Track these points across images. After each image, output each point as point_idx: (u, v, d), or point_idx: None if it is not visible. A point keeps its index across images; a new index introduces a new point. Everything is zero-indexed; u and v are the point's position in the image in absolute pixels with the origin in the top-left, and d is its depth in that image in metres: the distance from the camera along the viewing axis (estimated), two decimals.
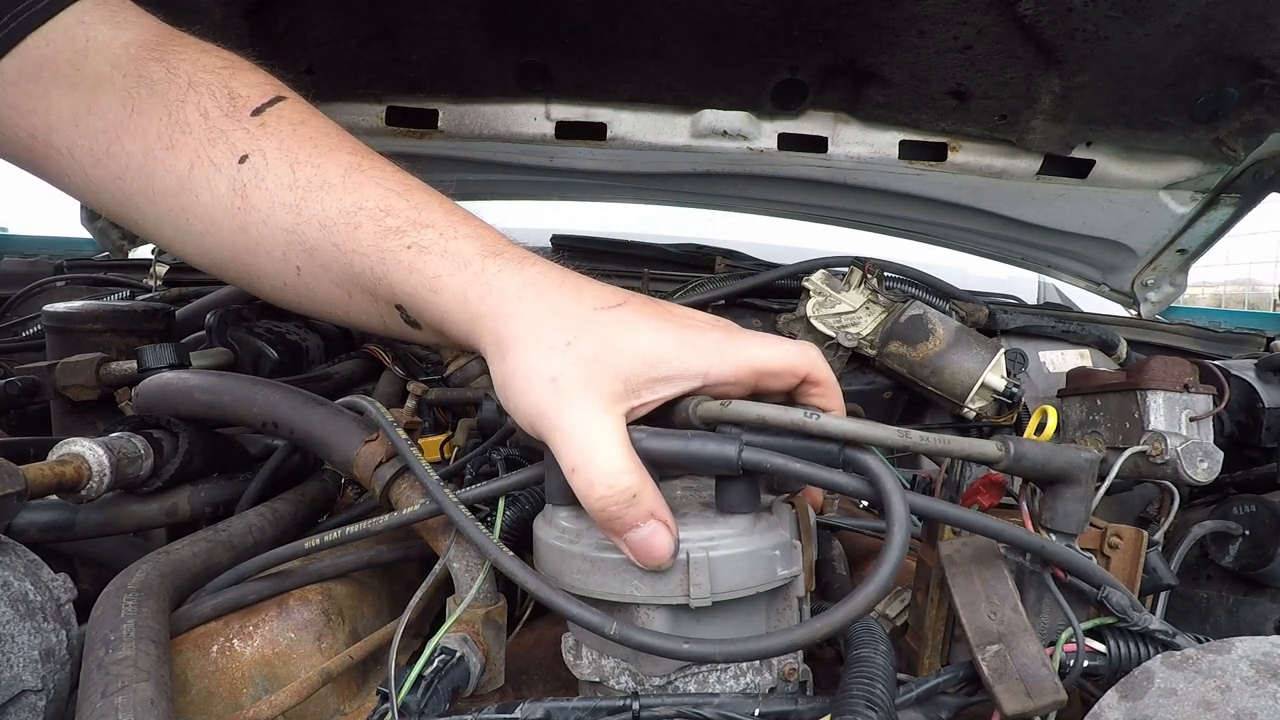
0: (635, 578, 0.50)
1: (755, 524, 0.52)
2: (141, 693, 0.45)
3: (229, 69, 0.59)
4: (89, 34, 0.57)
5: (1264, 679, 0.41)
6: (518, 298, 0.51)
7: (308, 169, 0.56)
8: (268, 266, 0.58)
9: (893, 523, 0.47)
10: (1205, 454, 0.86)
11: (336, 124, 0.61)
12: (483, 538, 0.54)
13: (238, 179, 0.56)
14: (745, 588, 0.50)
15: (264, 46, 1.26)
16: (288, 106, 0.58)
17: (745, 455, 0.49)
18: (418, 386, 1.10)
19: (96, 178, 0.59)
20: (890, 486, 0.48)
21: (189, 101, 0.56)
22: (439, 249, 0.53)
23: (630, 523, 0.47)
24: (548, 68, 1.43)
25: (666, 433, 0.50)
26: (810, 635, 0.46)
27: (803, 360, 0.53)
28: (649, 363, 0.50)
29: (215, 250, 0.60)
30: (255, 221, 0.56)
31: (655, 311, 0.53)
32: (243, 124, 0.56)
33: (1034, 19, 1.17)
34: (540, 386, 0.49)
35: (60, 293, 1.45)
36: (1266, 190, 1.52)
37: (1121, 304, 1.92)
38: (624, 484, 0.47)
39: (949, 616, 0.62)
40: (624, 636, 0.47)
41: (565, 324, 0.50)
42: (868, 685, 0.47)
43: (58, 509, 0.67)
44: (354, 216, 0.54)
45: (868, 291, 1.19)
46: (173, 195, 0.58)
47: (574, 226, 1.97)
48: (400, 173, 0.58)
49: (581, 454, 0.47)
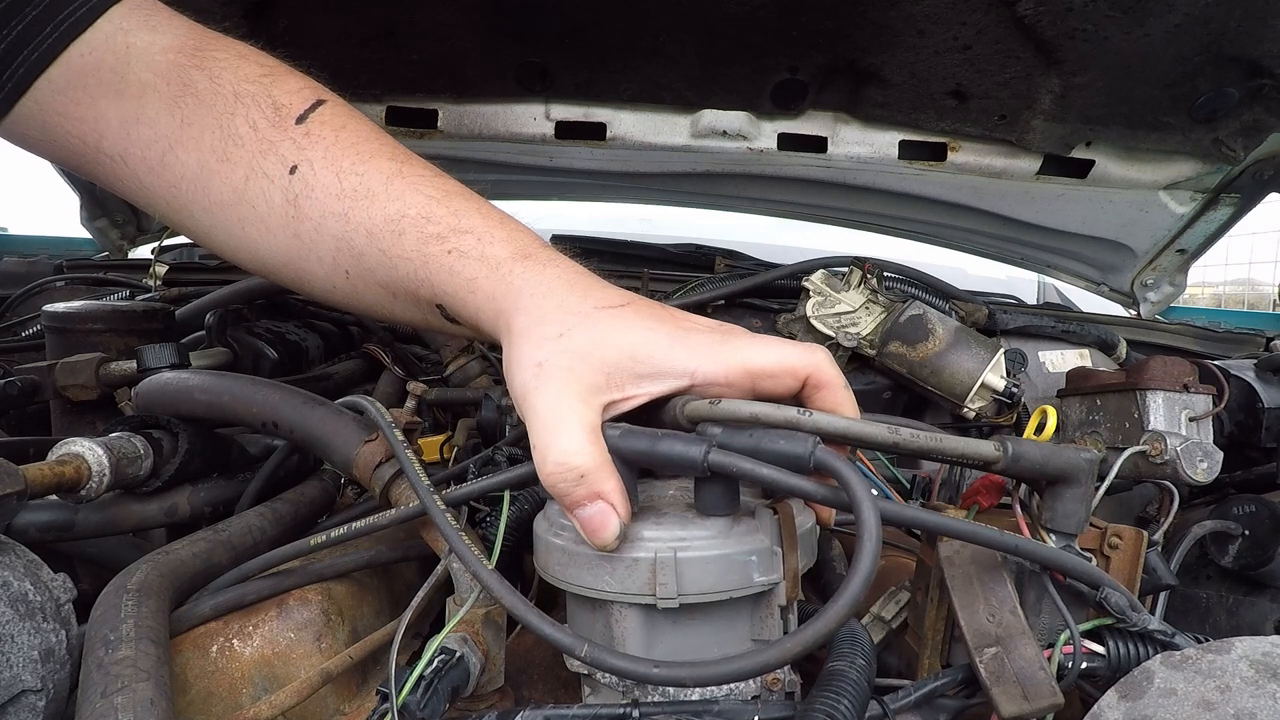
0: (605, 573, 0.50)
1: (732, 528, 0.51)
2: (141, 693, 0.45)
3: (269, 76, 0.61)
4: (128, 40, 0.59)
5: (1264, 679, 0.41)
6: (531, 295, 0.54)
7: (352, 178, 0.58)
8: (319, 271, 0.61)
9: (862, 533, 0.44)
10: (1205, 454, 0.86)
11: (371, 122, 0.63)
12: (463, 548, 0.54)
13: (290, 190, 0.59)
14: (716, 591, 0.50)
15: (264, 46, 1.26)
16: (328, 111, 0.61)
17: (711, 458, 0.48)
18: (417, 386, 1.10)
19: (151, 185, 0.62)
20: (860, 495, 0.45)
21: (238, 114, 0.59)
22: (476, 253, 0.55)
23: (577, 500, 0.49)
24: (547, 68, 1.43)
25: (639, 431, 0.50)
26: (781, 656, 0.44)
27: (803, 362, 0.52)
28: (636, 358, 0.51)
29: (269, 255, 0.62)
30: (308, 230, 0.59)
31: (655, 313, 0.54)
32: (289, 134, 0.59)
33: (1034, 19, 1.17)
34: (526, 371, 0.51)
35: (60, 293, 1.45)
36: (1266, 190, 1.52)
37: (1121, 304, 1.92)
38: (573, 463, 0.48)
39: (948, 617, 0.62)
40: (595, 659, 0.47)
41: (564, 318, 0.52)
42: (832, 700, 0.46)
43: (57, 509, 0.67)
44: (398, 224, 0.57)
45: (867, 291, 1.20)
46: (229, 206, 0.60)
47: (574, 226, 1.97)
48: (438, 176, 0.61)
49: (544, 433, 0.49)
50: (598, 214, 2.29)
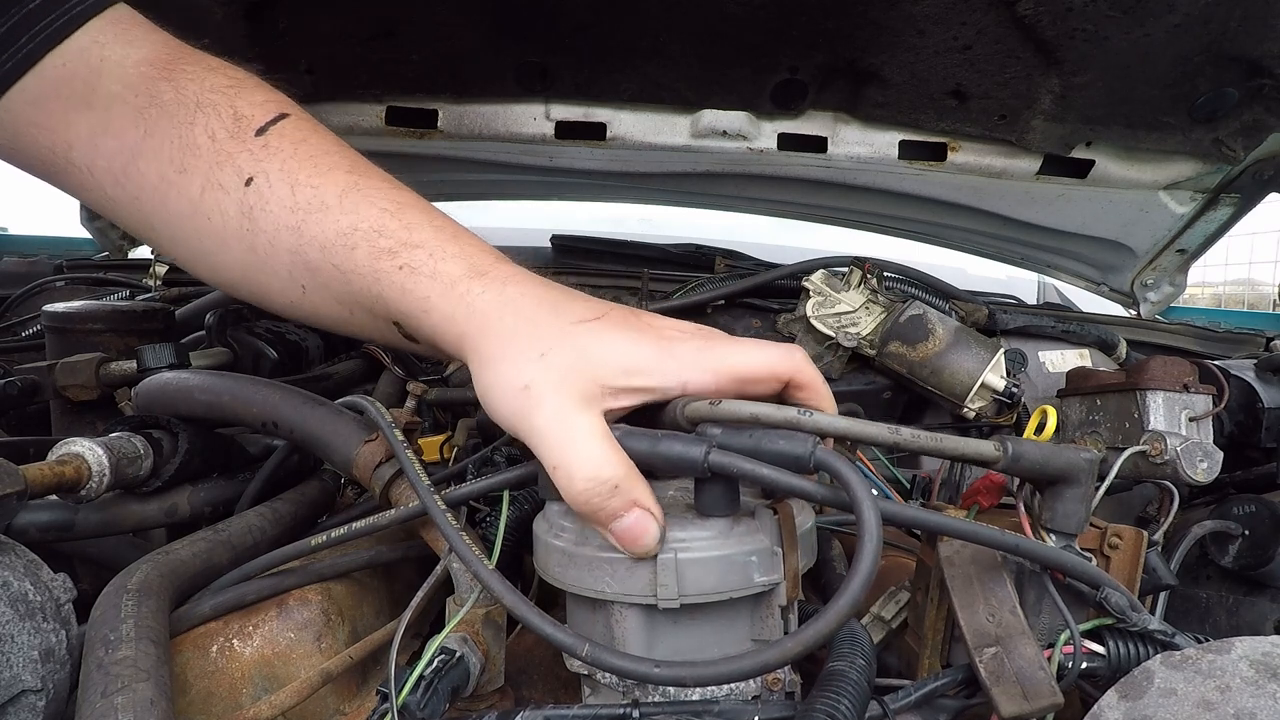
0: (606, 574, 0.50)
1: (732, 528, 0.51)
2: (141, 693, 0.45)
3: (234, 88, 0.60)
4: (103, 53, 0.58)
5: (1264, 679, 0.41)
6: (499, 317, 0.52)
7: (307, 191, 0.57)
8: (275, 285, 0.60)
9: (862, 533, 0.44)
10: (1205, 454, 0.86)
11: (337, 137, 0.61)
12: (463, 547, 0.54)
13: (245, 202, 0.57)
14: (717, 592, 0.50)
15: (264, 46, 1.26)
16: (289, 125, 0.59)
17: (712, 458, 0.48)
18: (417, 386, 1.10)
19: (116, 197, 0.61)
20: (860, 495, 0.45)
21: (197, 124, 0.58)
22: (428, 270, 0.54)
23: (614, 513, 0.48)
24: (547, 67, 1.43)
25: (639, 432, 0.50)
26: (782, 656, 0.45)
27: (784, 364, 0.53)
28: (627, 370, 0.51)
29: (226, 269, 0.61)
30: (263, 243, 0.58)
31: (633, 323, 0.53)
32: (247, 145, 0.58)
33: (1034, 19, 1.17)
34: (514, 395, 0.50)
35: (60, 293, 1.45)
36: (1266, 190, 1.52)
37: (1121, 304, 1.92)
38: (605, 475, 0.47)
39: (948, 617, 0.62)
40: (595, 659, 0.47)
41: (541, 337, 0.51)
42: (833, 700, 0.47)
43: (57, 509, 0.67)
44: (350, 238, 0.55)
45: (867, 291, 1.19)
46: (186, 218, 0.59)
47: (574, 226, 1.97)
48: (396, 188, 0.59)
49: (560, 451, 0.48)
50: (598, 214, 2.29)
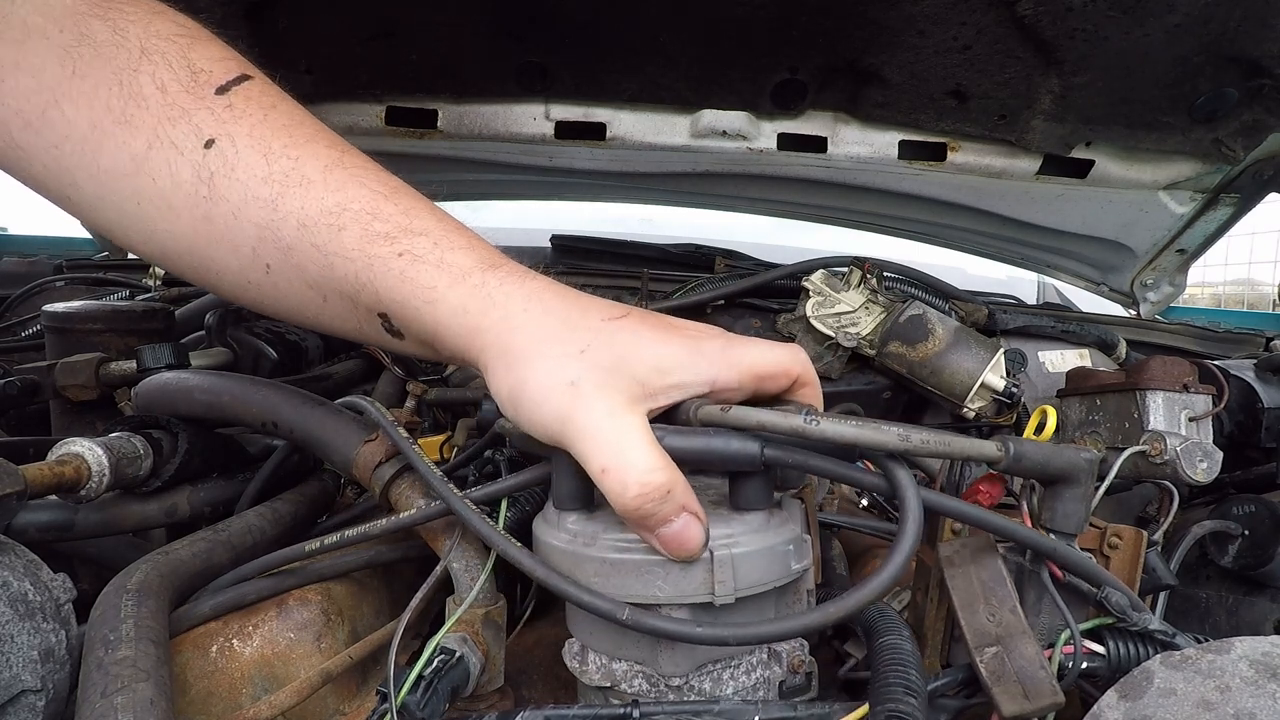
0: (659, 578, 0.50)
1: (770, 519, 0.53)
2: (141, 693, 0.45)
3: (186, 38, 0.54)
4: None
5: (1263, 679, 0.41)
6: (524, 310, 0.50)
7: (284, 161, 0.52)
8: (232, 262, 0.54)
9: (906, 516, 0.48)
10: (1205, 454, 0.86)
11: (307, 110, 0.56)
12: (490, 530, 0.55)
13: (204, 166, 0.51)
14: (764, 582, 0.51)
15: (264, 46, 1.26)
16: (255, 87, 0.54)
17: (768, 452, 0.50)
18: (417, 386, 1.10)
19: (26, 143, 0.53)
20: (904, 480, 0.50)
21: (142, 71, 0.51)
22: (434, 259, 0.51)
23: (664, 518, 0.47)
24: (547, 68, 1.42)
25: (689, 430, 0.51)
26: (823, 619, 0.47)
27: (795, 363, 0.54)
28: (661, 370, 0.50)
29: (168, 239, 0.55)
30: (223, 214, 0.52)
31: (657, 323, 0.53)
32: (206, 103, 0.52)
33: (1033, 19, 1.17)
34: (559, 392, 0.48)
35: (60, 293, 1.45)
36: (1266, 190, 1.52)
37: (1121, 304, 1.92)
38: (658, 480, 0.47)
39: (948, 617, 0.62)
40: (638, 622, 0.47)
41: (577, 334, 0.50)
42: (903, 672, 0.49)
43: (57, 509, 0.67)
44: (338, 217, 0.51)
45: (867, 291, 1.19)
46: (125, 176, 0.52)
47: (574, 226, 1.97)
48: (383, 172, 0.55)
49: (612, 454, 0.47)
50: (598, 214, 2.29)
